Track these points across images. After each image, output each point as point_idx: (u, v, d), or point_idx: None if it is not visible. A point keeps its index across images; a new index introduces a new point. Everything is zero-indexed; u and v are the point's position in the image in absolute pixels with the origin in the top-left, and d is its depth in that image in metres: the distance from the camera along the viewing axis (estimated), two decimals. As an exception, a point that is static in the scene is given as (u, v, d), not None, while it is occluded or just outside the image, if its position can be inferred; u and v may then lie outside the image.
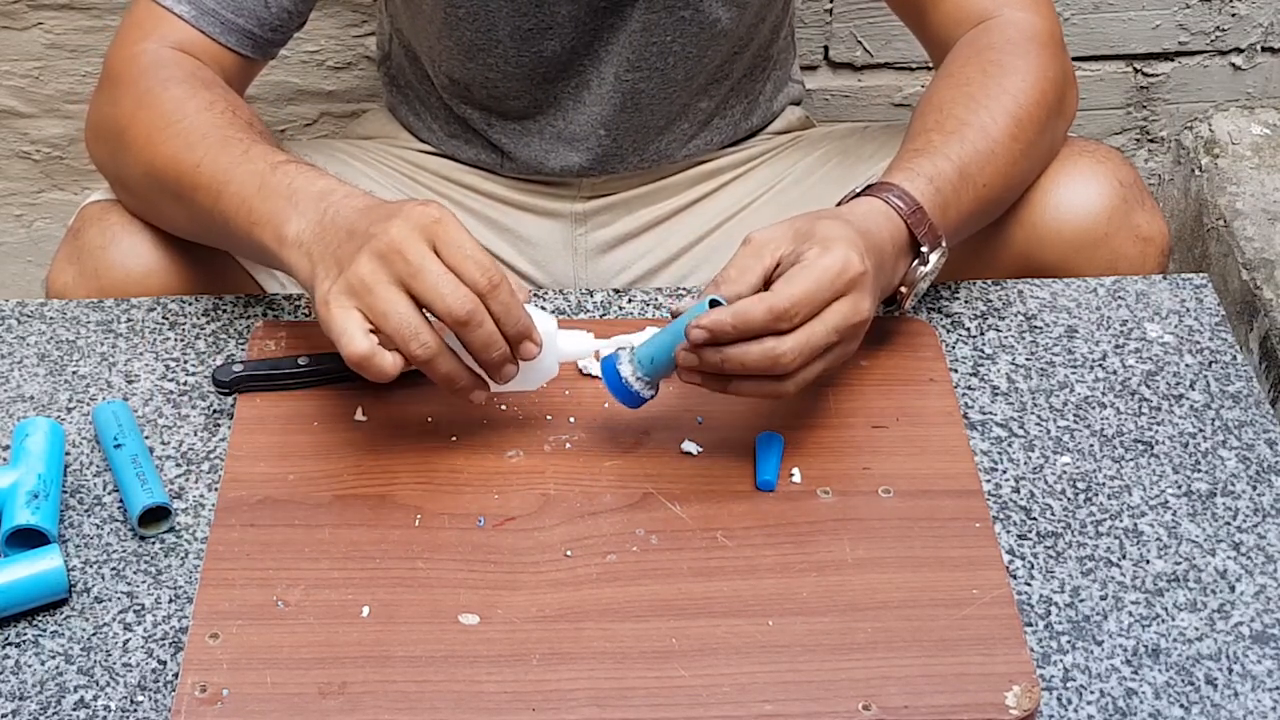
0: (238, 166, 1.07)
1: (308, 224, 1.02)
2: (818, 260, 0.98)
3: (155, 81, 1.14)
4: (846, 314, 0.98)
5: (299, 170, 1.06)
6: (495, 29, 1.26)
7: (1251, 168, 1.86)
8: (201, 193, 1.09)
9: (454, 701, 0.89)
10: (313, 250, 1.01)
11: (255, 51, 1.22)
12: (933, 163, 1.10)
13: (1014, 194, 1.18)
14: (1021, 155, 1.15)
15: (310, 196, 1.03)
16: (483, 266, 0.96)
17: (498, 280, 0.96)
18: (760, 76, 1.39)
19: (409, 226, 0.96)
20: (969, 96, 1.15)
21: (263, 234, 1.04)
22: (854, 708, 0.89)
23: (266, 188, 1.05)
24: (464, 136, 1.38)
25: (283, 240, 1.03)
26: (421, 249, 0.95)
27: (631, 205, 1.40)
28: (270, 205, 1.04)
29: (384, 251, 0.96)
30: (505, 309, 0.97)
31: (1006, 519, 1.02)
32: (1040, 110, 1.16)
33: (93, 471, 1.05)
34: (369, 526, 0.99)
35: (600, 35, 1.27)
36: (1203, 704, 0.92)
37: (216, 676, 0.90)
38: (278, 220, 1.03)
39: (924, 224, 1.07)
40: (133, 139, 1.13)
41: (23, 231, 1.94)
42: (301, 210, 1.03)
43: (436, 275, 0.95)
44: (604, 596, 0.95)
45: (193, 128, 1.11)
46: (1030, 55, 1.18)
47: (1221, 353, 1.15)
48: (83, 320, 1.16)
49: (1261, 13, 1.84)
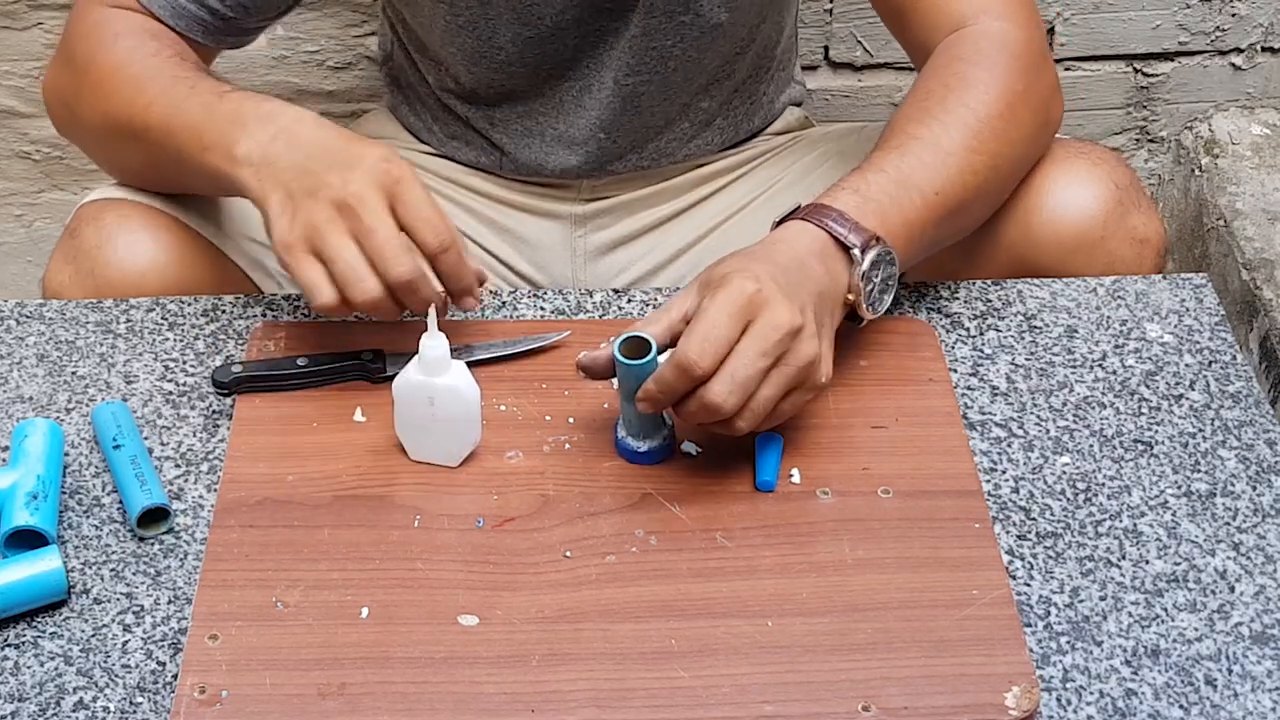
0: (186, 100, 1.13)
1: (256, 144, 1.07)
2: (709, 303, 0.97)
3: (106, 36, 1.19)
4: (764, 333, 0.96)
5: (245, 95, 1.12)
6: (496, 35, 1.26)
7: (1251, 168, 1.86)
8: (154, 131, 1.14)
9: (453, 702, 0.89)
10: (262, 171, 1.06)
11: (207, 38, 1.24)
12: (860, 175, 1.09)
13: (985, 202, 1.17)
14: (984, 166, 1.13)
15: (258, 118, 1.09)
16: (435, 229, 1.03)
17: (448, 243, 1.04)
18: (763, 77, 1.39)
19: (369, 181, 1.03)
20: (925, 111, 1.14)
21: (214, 157, 1.09)
22: (854, 708, 0.89)
23: (215, 114, 1.10)
24: (464, 137, 1.38)
25: (234, 160, 1.08)
26: (378, 208, 1.02)
27: (631, 207, 1.40)
28: (219, 129, 1.10)
29: (341, 203, 1.02)
30: (453, 269, 1.05)
31: (1006, 519, 1.02)
32: (1003, 122, 1.14)
33: (92, 472, 1.05)
34: (368, 527, 0.99)
35: (601, 40, 1.27)
36: (1202, 704, 0.92)
37: (216, 678, 0.90)
38: (227, 142, 1.09)
39: (846, 224, 1.05)
40: (87, 92, 1.19)
41: (23, 231, 1.94)
42: (250, 131, 1.08)
43: (384, 238, 1.02)
44: (603, 597, 0.95)
45: (141, 72, 1.16)
46: (998, 67, 1.16)
47: (1221, 353, 1.15)
48: (82, 321, 1.16)
49: (1261, 13, 1.84)
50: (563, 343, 1.11)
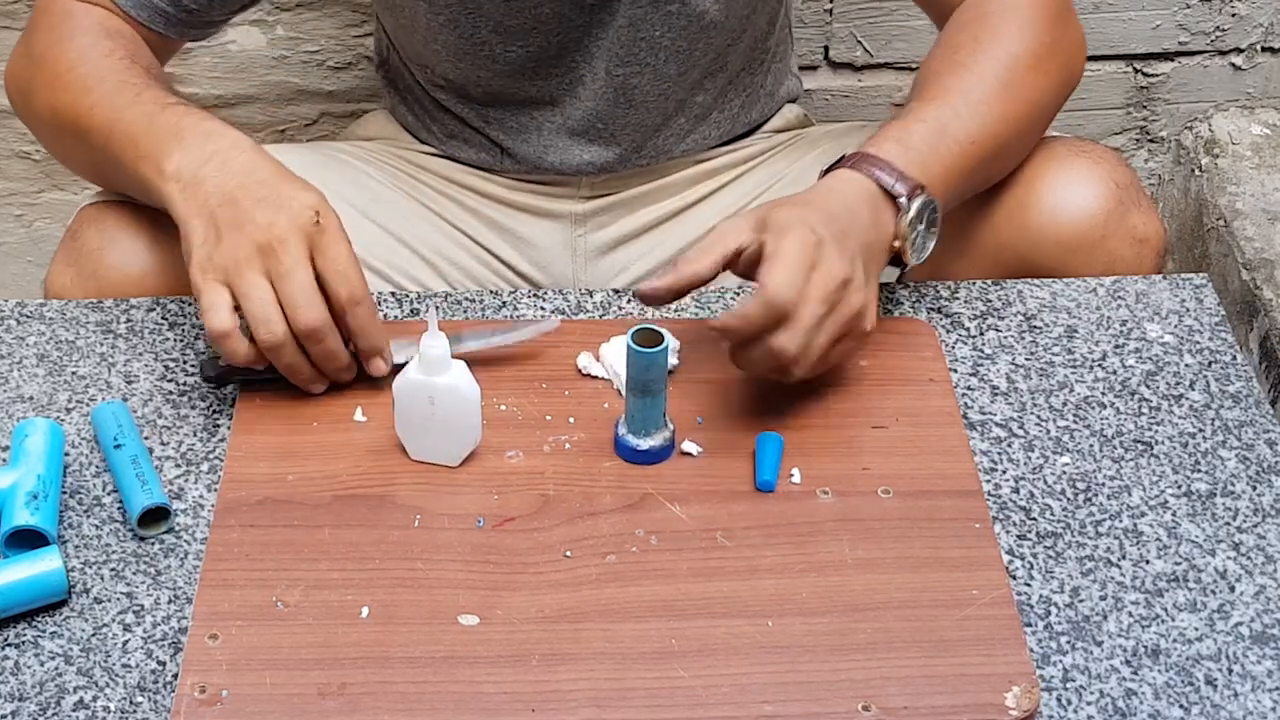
0: (129, 108, 1.13)
1: (189, 161, 1.07)
2: (788, 247, 1.01)
3: (64, 32, 1.20)
4: (823, 283, 1.00)
5: (187, 110, 1.11)
6: (478, 31, 1.27)
7: (1251, 168, 1.86)
8: (95, 134, 1.14)
9: (453, 702, 0.89)
10: (188, 190, 1.06)
11: (169, 29, 1.25)
12: (902, 125, 1.13)
13: (1013, 152, 1.20)
14: (1015, 116, 1.17)
15: (195, 135, 1.09)
16: (348, 281, 1.03)
17: (359, 297, 1.04)
18: (759, 69, 1.39)
19: (293, 227, 1.03)
20: (956, 64, 1.18)
21: (146, 168, 1.09)
22: (854, 708, 0.89)
23: (154, 125, 1.11)
24: (463, 136, 1.38)
25: (163, 174, 1.08)
26: (296, 254, 1.02)
27: (631, 205, 1.40)
28: (155, 141, 1.10)
29: (262, 245, 1.02)
30: (360, 325, 1.05)
31: (1006, 519, 1.02)
32: (1033, 73, 1.18)
33: (92, 472, 1.05)
34: (369, 527, 0.99)
35: (589, 31, 1.28)
36: (1202, 704, 0.92)
37: (216, 677, 0.90)
38: (159, 154, 1.09)
39: (893, 173, 1.09)
40: (39, 86, 1.20)
41: (23, 231, 1.94)
42: (185, 147, 1.08)
43: (297, 285, 1.02)
44: (603, 597, 0.95)
45: (90, 73, 1.16)
46: (1025, 20, 1.19)
47: (1221, 353, 1.15)
48: (82, 321, 1.16)
49: (1261, 13, 1.84)
50: (561, 343, 1.11)
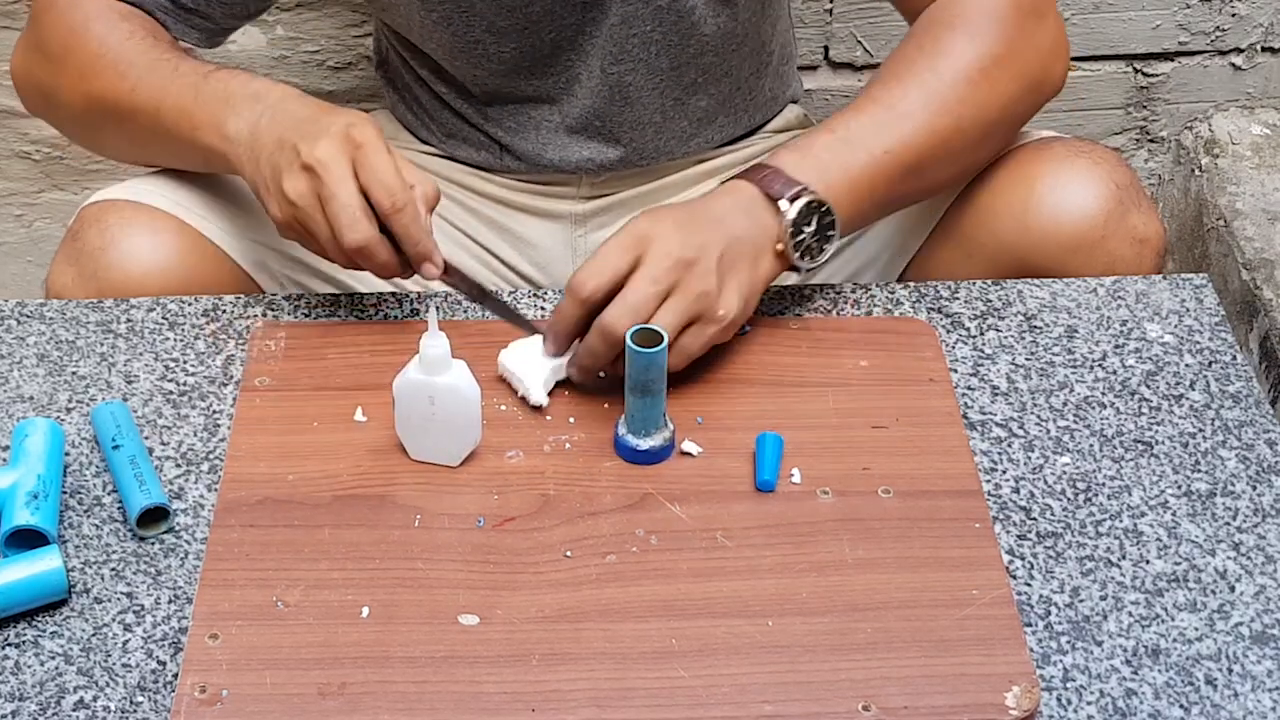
0: (171, 83, 1.16)
1: (246, 123, 1.12)
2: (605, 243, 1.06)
3: (76, 22, 1.21)
4: (653, 261, 1.03)
5: (231, 74, 1.16)
6: (472, 29, 1.27)
7: (1251, 168, 1.86)
8: (141, 114, 1.17)
9: (454, 702, 0.89)
10: (251, 152, 1.11)
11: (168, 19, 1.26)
12: (810, 135, 1.15)
13: (953, 163, 1.19)
14: (946, 128, 1.15)
15: (245, 98, 1.13)
16: (389, 190, 1.06)
17: (401, 204, 1.06)
18: (763, 73, 1.39)
19: (334, 148, 1.06)
20: (891, 75, 1.18)
21: (206, 137, 1.14)
22: (854, 708, 0.89)
23: (203, 95, 1.15)
24: (463, 134, 1.38)
25: (226, 138, 1.13)
26: (339, 174, 1.05)
27: (631, 205, 1.40)
28: (209, 110, 1.14)
29: (309, 169, 1.06)
30: (405, 230, 1.07)
31: (1006, 519, 1.02)
32: (972, 86, 1.16)
33: (92, 472, 1.05)
34: (369, 527, 0.99)
35: (582, 29, 1.28)
36: (1202, 704, 0.92)
37: (216, 677, 0.90)
38: (218, 121, 1.13)
39: (779, 179, 1.10)
40: (65, 78, 1.21)
41: (23, 231, 1.94)
42: (239, 111, 1.13)
43: (340, 206, 1.05)
44: (604, 597, 0.95)
45: (120, 57, 1.19)
46: (976, 29, 1.18)
47: (1221, 353, 1.15)
48: (82, 320, 1.16)
49: (1261, 13, 1.84)
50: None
